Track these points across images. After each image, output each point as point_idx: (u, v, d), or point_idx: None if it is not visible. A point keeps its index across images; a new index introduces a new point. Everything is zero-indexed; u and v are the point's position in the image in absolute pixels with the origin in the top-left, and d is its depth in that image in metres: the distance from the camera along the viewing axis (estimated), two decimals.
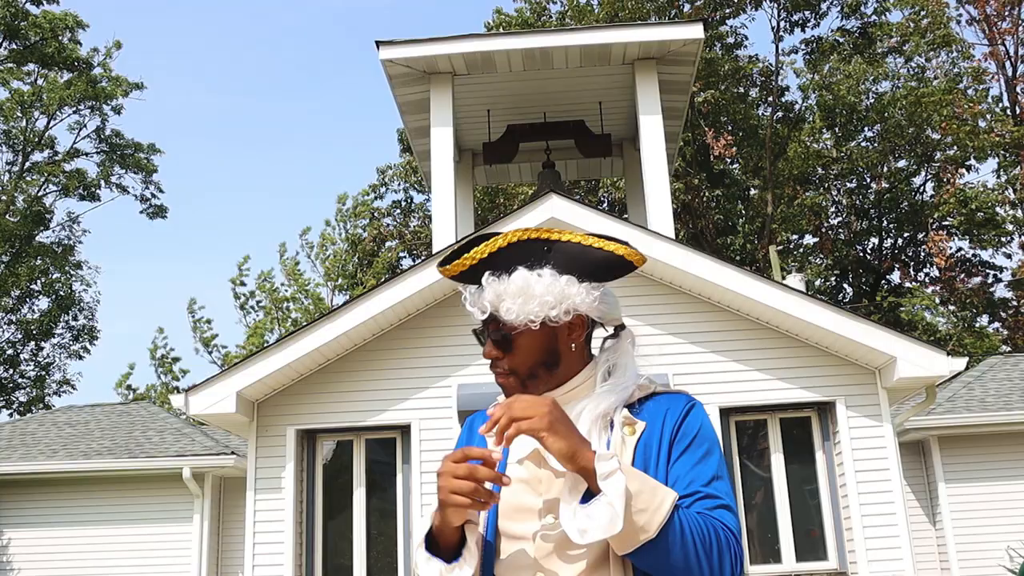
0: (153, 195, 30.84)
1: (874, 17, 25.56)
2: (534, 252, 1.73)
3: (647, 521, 1.54)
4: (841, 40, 25.60)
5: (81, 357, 30.17)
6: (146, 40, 47.73)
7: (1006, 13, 26.10)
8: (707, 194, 25.21)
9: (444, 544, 1.69)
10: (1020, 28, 26.25)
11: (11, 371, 28.96)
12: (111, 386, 38.51)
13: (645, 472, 1.68)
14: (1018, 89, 26.36)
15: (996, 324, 25.66)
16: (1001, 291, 25.59)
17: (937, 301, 24.15)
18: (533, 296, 1.69)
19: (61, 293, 29.38)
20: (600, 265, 1.77)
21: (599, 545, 1.64)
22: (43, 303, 29.55)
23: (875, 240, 27.03)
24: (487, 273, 1.75)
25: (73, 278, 29.92)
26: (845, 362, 8.39)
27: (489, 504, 1.59)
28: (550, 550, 1.68)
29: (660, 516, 1.54)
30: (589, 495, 1.58)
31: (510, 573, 1.71)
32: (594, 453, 1.56)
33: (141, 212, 30.85)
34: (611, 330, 1.87)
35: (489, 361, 1.80)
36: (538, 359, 1.76)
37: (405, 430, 8.61)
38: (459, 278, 1.80)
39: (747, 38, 25.89)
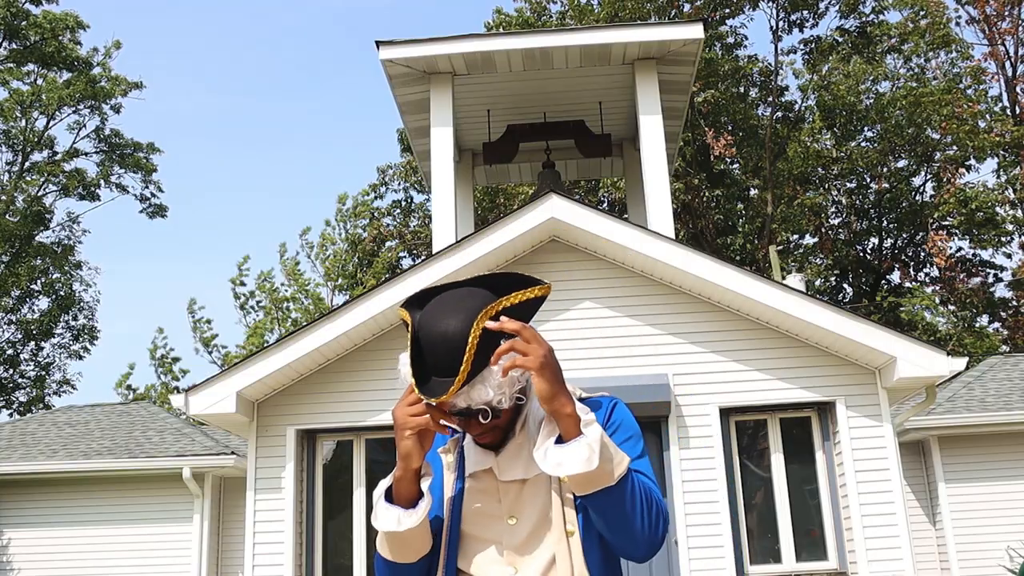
0: (153, 194, 30.87)
1: (872, 16, 25.55)
2: (489, 338, 1.78)
3: (611, 470, 1.78)
4: (840, 40, 25.58)
5: (81, 357, 30.17)
6: (146, 40, 47.75)
7: (1006, 13, 26.10)
8: (707, 194, 25.19)
9: (404, 497, 1.88)
10: (1020, 28, 26.26)
11: (11, 371, 28.95)
12: (111, 386, 38.56)
13: None
14: (1018, 89, 26.36)
15: (996, 324, 25.66)
16: (1001, 291, 25.61)
17: (937, 301, 24.13)
18: (515, 380, 1.81)
19: (61, 293, 29.36)
20: (530, 311, 1.90)
21: (557, 538, 1.85)
22: (43, 303, 29.56)
23: (875, 240, 27.03)
24: (472, 385, 1.79)
25: (73, 278, 29.91)
26: (845, 362, 8.39)
27: (435, 432, 1.81)
28: (515, 547, 1.89)
29: (621, 469, 1.80)
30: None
31: (480, 570, 1.91)
32: (573, 403, 1.78)
33: (141, 211, 30.88)
34: None
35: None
36: (514, 410, 1.91)
37: None
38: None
39: (747, 38, 25.91)
